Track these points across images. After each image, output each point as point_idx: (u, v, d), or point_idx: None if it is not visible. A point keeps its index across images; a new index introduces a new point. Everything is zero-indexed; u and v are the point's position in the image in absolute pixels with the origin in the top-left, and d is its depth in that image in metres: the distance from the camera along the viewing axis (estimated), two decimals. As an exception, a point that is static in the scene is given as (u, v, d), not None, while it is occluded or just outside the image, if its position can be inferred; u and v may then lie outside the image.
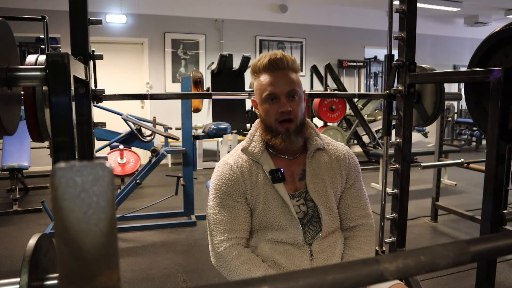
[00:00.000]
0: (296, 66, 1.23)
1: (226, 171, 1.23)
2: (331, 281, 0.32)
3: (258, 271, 1.15)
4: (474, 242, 0.38)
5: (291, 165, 1.26)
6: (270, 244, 1.21)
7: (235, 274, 1.16)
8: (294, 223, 1.20)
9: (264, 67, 1.20)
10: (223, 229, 1.20)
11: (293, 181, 1.25)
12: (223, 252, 1.18)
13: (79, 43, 1.44)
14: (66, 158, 1.07)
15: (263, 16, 7.14)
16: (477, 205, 3.66)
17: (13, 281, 0.73)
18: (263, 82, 1.20)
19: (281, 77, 1.19)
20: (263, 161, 1.23)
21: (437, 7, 7.22)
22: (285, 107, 1.17)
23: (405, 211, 1.89)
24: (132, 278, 2.51)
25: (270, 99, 1.19)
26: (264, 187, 1.20)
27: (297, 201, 1.23)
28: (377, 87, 8.60)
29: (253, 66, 1.24)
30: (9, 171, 3.98)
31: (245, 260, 1.17)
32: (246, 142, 1.27)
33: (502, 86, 1.29)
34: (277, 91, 1.18)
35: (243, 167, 1.23)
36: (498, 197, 1.37)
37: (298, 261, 1.20)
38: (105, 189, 0.27)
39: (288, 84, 1.18)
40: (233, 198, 1.21)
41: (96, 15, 2.19)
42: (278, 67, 1.19)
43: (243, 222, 1.21)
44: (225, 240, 1.18)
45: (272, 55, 1.20)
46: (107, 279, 0.27)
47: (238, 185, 1.21)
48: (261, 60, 1.21)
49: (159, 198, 3.78)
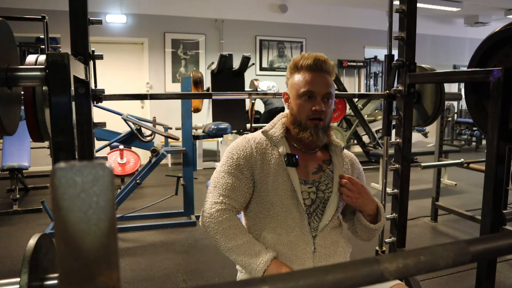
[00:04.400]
0: (334, 73, 1.30)
1: (243, 144, 1.28)
2: (331, 281, 0.32)
3: (243, 238, 1.19)
4: (474, 242, 0.38)
5: (307, 158, 1.30)
6: (274, 234, 1.23)
7: (221, 235, 1.19)
8: (299, 208, 1.23)
9: (308, 66, 1.25)
10: (220, 193, 1.23)
11: (307, 172, 1.29)
12: (214, 213, 1.21)
13: (79, 43, 1.44)
14: (66, 158, 1.07)
15: (263, 16, 7.14)
16: (477, 205, 3.66)
17: (13, 281, 0.73)
18: (303, 79, 1.24)
19: (321, 79, 1.24)
20: (280, 144, 1.27)
21: (437, 7, 7.22)
22: (319, 106, 1.23)
23: (405, 211, 1.89)
24: (132, 278, 2.51)
25: (307, 96, 1.24)
26: (276, 167, 1.24)
27: (309, 188, 1.27)
28: (377, 87, 8.60)
29: (295, 62, 1.28)
30: (9, 171, 3.98)
31: (233, 225, 1.20)
32: (268, 126, 1.32)
33: (502, 86, 1.29)
34: (316, 90, 1.23)
35: (259, 144, 1.28)
36: (498, 197, 1.37)
37: (301, 252, 1.21)
38: (105, 189, 0.27)
39: (326, 86, 1.25)
40: (240, 169, 1.25)
41: (96, 15, 2.19)
42: (321, 69, 1.25)
43: (240, 194, 1.25)
44: (219, 202, 1.22)
45: (318, 57, 1.25)
46: (107, 279, 0.27)
47: (250, 158, 1.25)
48: (305, 58, 1.25)
49: (159, 198, 3.78)
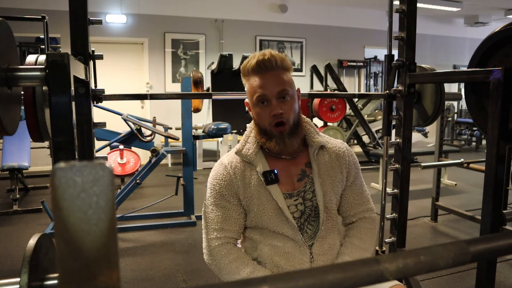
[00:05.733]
0: (286, 65, 1.18)
1: (220, 171, 1.22)
2: (331, 281, 0.32)
3: (247, 269, 1.16)
4: (474, 242, 0.38)
5: (289, 165, 1.23)
6: (270, 246, 1.21)
7: (225, 272, 1.17)
8: (289, 224, 1.19)
9: (253, 69, 1.16)
10: (214, 228, 1.21)
11: (291, 181, 1.22)
12: (213, 251, 1.20)
13: (79, 43, 1.44)
14: (66, 158, 1.07)
15: (263, 16, 7.14)
16: (477, 205, 3.66)
17: (13, 281, 0.73)
18: (253, 85, 1.16)
19: (270, 78, 1.15)
20: (256, 162, 1.21)
21: (437, 7, 7.22)
22: (276, 110, 1.14)
23: (405, 211, 1.88)
24: (132, 278, 2.50)
25: (261, 102, 1.16)
26: (257, 188, 1.19)
27: (294, 200, 1.21)
28: (377, 87, 8.60)
29: (242, 68, 1.20)
30: (9, 171, 3.98)
31: (234, 258, 1.18)
32: (241, 144, 1.25)
33: (502, 86, 1.29)
34: (267, 93, 1.14)
35: (236, 168, 1.21)
36: (498, 197, 1.37)
37: (298, 263, 1.19)
38: (105, 189, 0.27)
39: (277, 85, 1.14)
40: (225, 199, 1.21)
41: (96, 15, 2.19)
42: (266, 68, 1.15)
43: (233, 223, 1.21)
44: (214, 238, 1.20)
45: (260, 56, 1.15)
46: (107, 279, 0.27)
47: (231, 185, 1.20)
48: (250, 61, 1.17)
49: (159, 198, 3.78)
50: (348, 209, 1.31)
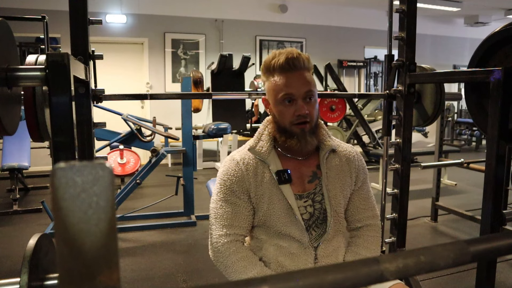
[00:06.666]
0: (311, 65, 1.18)
1: (232, 167, 1.20)
2: (331, 281, 0.32)
3: (254, 269, 1.14)
4: (474, 242, 0.38)
5: (300, 166, 1.23)
6: (275, 246, 1.20)
7: (231, 270, 1.16)
8: (298, 225, 1.18)
9: (280, 67, 1.14)
10: (222, 224, 1.18)
11: (302, 182, 1.22)
12: (221, 248, 1.17)
13: (79, 43, 1.44)
14: (66, 158, 1.07)
15: (263, 16, 7.14)
16: (477, 205, 3.66)
17: (13, 281, 0.73)
18: (279, 83, 1.14)
19: (298, 78, 1.13)
20: (270, 161, 1.19)
21: (437, 7, 7.22)
22: (302, 110, 1.13)
23: (405, 211, 1.88)
24: (132, 278, 2.50)
25: (286, 100, 1.14)
26: (269, 187, 1.18)
27: (304, 202, 1.21)
28: (377, 87, 8.60)
29: (266, 64, 1.17)
30: (9, 171, 3.98)
31: (242, 257, 1.16)
32: (254, 141, 1.23)
33: (502, 86, 1.29)
34: (294, 92, 1.12)
35: (249, 165, 1.20)
36: (498, 197, 1.37)
37: (302, 264, 1.19)
38: (105, 189, 0.27)
39: (305, 85, 1.13)
40: (236, 195, 1.19)
41: (96, 15, 2.19)
42: (295, 67, 1.13)
43: (243, 220, 1.19)
44: (223, 235, 1.17)
45: (289, 54, 1.13)
46: (107, 279, 0.27)
47: (243, 182, 1.19)
48: (276, 58, 1.14)
49: (159, 198, 3.78)
50: (354, 213, 1.30)
